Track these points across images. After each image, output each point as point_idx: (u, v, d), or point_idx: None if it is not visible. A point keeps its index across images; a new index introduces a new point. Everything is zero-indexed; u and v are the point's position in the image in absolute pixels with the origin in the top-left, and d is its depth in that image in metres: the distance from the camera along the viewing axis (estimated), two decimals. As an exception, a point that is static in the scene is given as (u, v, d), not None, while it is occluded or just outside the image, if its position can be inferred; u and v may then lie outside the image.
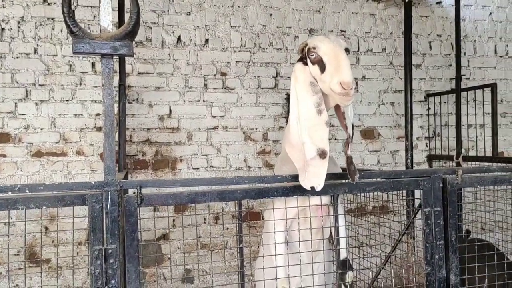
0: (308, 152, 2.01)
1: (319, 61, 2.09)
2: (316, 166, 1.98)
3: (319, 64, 2.10)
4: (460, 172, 2.15)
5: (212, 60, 4.18)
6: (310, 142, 2.02)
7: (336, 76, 2.01)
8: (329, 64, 2.06)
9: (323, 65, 2.08)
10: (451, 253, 2.16)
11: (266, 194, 1.98)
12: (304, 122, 2.08)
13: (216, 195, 1.92)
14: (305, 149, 2.02)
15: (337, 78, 2.00)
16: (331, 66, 2.05)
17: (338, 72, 2.01)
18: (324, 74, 2.07)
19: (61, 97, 3.86)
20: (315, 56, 2.10)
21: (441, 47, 4.76)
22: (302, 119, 2.09)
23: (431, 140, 4.74)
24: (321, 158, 1.99)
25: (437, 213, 2.15)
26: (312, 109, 2.08)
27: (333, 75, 2.02)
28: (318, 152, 1.99)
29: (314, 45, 2.12)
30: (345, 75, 2.00)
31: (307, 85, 2.12)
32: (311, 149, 2.01)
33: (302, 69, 2.17)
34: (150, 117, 4.06)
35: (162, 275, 4.05)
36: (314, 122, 2.06)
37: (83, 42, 1.75)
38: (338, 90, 2.00)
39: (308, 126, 2.06)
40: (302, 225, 2.09)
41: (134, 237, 1.82)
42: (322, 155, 1.99)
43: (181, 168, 4.11)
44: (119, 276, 1.81)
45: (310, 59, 2.12)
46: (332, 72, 2.03)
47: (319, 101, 2.08)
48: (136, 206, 1.83)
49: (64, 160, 3.87)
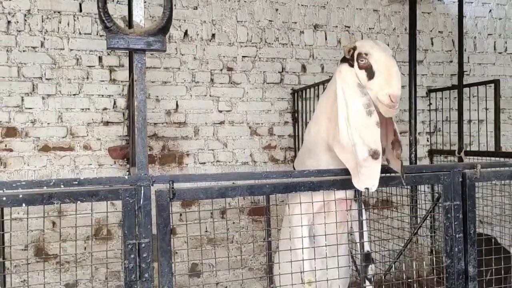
0: (360, 153, 2.03)
1: (368, 68, 2.10)
2: (369, 167, 2.00)
3: (367, 71, 2.11)
4: (479, 167, 2.21)
5: (219, 55, 4.19)
6: (361, 143, 2.04)
7: (386, 88, 2.02)
8: (380, 73, 2.07)
9: (371, 73, 2.09)
10: (470, 245, 2.22)
11: (294, 188, 2.01)
12: (354, 124, 2.09)
13: (246, 190, 1.95)
14: (356, 150, 2.04)
15: (387, 90, 2.02)
16: (382, 76, 2.06)
17: (389, 84, 2.03)
18: (372, 82, 2.08)
19: (68, 91, 3.84)
20: (364, 62, 2.11)
21: (443, 43, 4.82)
22: (352, 120, 2.10)
23: (432, 135, 4.81)
24: (373, 159, 2.01)
25: (456, 207, 2.20)
26: (362, 110, 2.09)
27: (382, 85, 2.04)
28: (370, 153, 2.02)
29: (366, 51, 2.11)
30: (395, 88, 2.02)
31: (355, 86, 2.13)
32: (363, 150, 2.03)
33: (349, 71, 2.18)
34: (157, 111, 4.05)
35: (169, 269, 4.06)
36: (364, 124, 2.07)
37: (117, 38, 1.75)
38: (386, 101, 2.02)
39: (358, 128, 2.07)
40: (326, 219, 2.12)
41: (167, 231, 1.84)
42: (375, 156, 2.01)
43: (188, 163, 4.12)
44: (152, 270, 1.83)
45: (359, 63, 2.13)
46: (382, 82, 2.05)
47: (369, 103, 2.09)
48: (169, 200, 1.84)
49: (71, 154, 3.85)
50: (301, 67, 4.41)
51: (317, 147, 2.33)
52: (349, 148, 2.06)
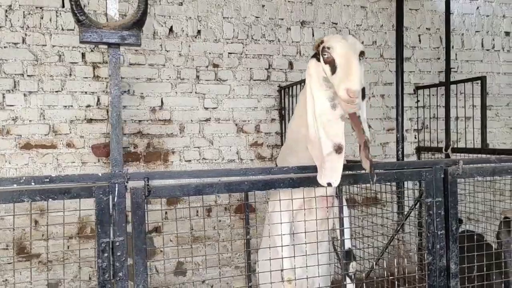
0: (325, 148, 2.00)
1: (332, 62, 2.07)
2: (332, 161, 1.97)
3: (330, 65, 2.07)
4: (461, 163, 2.19)
5: (205, 51, 4.14)
6: (325, 137, 2.02)
7: (344, 82, 1.98)
8: (340, 67, 2.03)
9: (334, 67, 2.06)
10: (452, 242, 2.20)
11: (273, 185, 1.98)
12: (319, 118, 2.07)
13: (224, 187, 1.91)
14: (321, 144, 2.02)
15: (344, 85, 1.98)
16: (342, 70, 2.03)
17: (347, 79, 1.99)
18: (334, 76, 2.05)
19: (50, 88, 3.78)
20: (327, 56, 2.08)
21: (430, 40, 4.81)
22: (317, 114, 2.07)
23: (419, 132, 4.80)
24: (337, 153, 1.98)
25: (438, 203, 2.18)
26: (326, 104, 2.06)
27: (341, 80, 2.00)
28: (334, 148, 1.99)
29: (330, 45, 2.09)
30: (352, 82, 1.97)
31: (321, 80, 2.11)
32: (327, 144, 2.00)
33: (316, 66, 2.15)
34: (142, 108, 4.00)
35: (155, 268, 4.03)
36: (328, 117, 2.05)
37: (90, 31, 1.71)
38: (343, 96, 1.98)
39: (323, 121, 2.05)
40: (307, 217, 2.09)
41: (142, 229, 1.80)
42: (338, 150, 1.99)
43: (173, 161, 4.08)
44: (127, 268, 1.79)
45: (323, 57, 2.11)
46: (342, 76, 2.01)
47: (333, 96, 2.06)
48: (144, 198, 1.81)
49: (54, 152, 3.80)
50: (288, 64, 4.38)
51: (297, 144, 2.31)
52: (316, 143, 2.03)
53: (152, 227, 3.99)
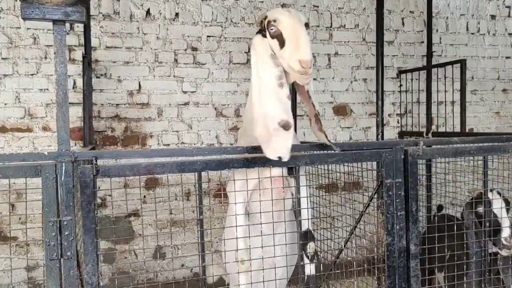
0: (271, 124, 1.97)
1: (279, 36, 2.06)
2: (280, 136, 1.95)
3: (278, 39, 2.07)
4: (421, 144, 2.16)
5: (183, 34, 4.10)
6: (272, 114, 1.99)
7: (296, 54, 1.98)
8: (289, 40, 2.02)
9: (282, 40, 2.05)
10: (411, 223, 2.19)
11: (227, 165, 1.96)
12: (265, 95, 2.05)
13: (175, 167, 1.90)
14: (268, 121, 1.99)
15: (296, 56, 1.97)
16: (291, 42, 2.02)
17: (298, 49, 1.98)
18: (283, 50, 2.04)
19: (25, 71, 3.75)
20: (274, 30, 2.07)
21: (414, 23, 4.76)
22: (263, 93, 2.06)
23: (402, 116, 4.77)
24: (285, 130, 1.96)
25: (398, 184, 2.16)
26: (274, 82, 2.05)
27: (292, 52, 1.99)
28: (281, 124, 1.96)
29: (275, 18, 2.08)
30: (304, 53, 1.97)
31: (268, 57, 2.10)
32: (274, 120, 1.98)
33: (262, 42, 2.14)
34: (119, 92, 3.98)
35: (134, 252, 4.03)
36: (276, 96, 2.03)
37: (32, 7, 1.68)
38: (296, 68, 1.98)
39: (270, 100, 2.03)
40: (263, 197, 2.08)
41: (90, 208, 1.79)
42: (286, 127, 1.96)
43: (152, 145, 4.06)
44: (75, 248, 1.78)
45: (269, 32, 2.09)
46: (292, 49, 2.00)
47: (280, 74, 2.06)
48: (92, 177, 1.79)
49: (30, 136, 3.78)
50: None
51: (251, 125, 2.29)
52: (260, 120, 2.00)
53: (130, 210, 3.99)
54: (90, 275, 1.79)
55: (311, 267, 2.19)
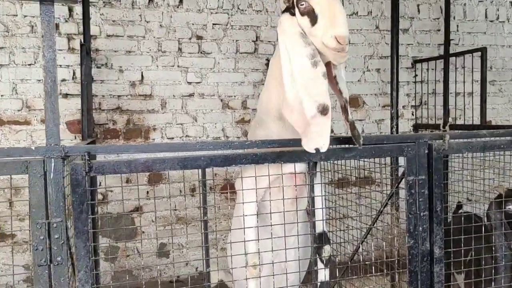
0: (308, 110, 1.80)
1: (310, 12, 1.86)
2: (318, 125, 1.78)
3: (309, 16, 1.87)
4: (447, 138, 1.97)
5: (187, 22, 3.91)
6: (308, 99, 1.81)
7: (331, 29, 1.79)
8: (322, 15, 1.83)
9: (314, 17, 1.85)
10: (436, 224, 2.00)
11: (234, 161, 1.78)
12: (299, 78, 1.86)
13: (177, 163, 1.72)
14: (304, 107, 1.81)
15: (332, 32, 1.78)
16: (325, 18, 1.82)
17: (333, 25, 1.79)
18: (316, 27, 1.85)
19: (22, 61, 3.58)
20: (305, 6, 1.87)
21: (430, 10, 4.53)
22: (297, 75, 1.87)
23: (417, 108, 4.56)
24: (322, 115, 1.79)
25: (421, 182, 1.97)
26: (307, 62, 1.85)
27: (327, 28, 1.80)
28: (319, 109, 1.79)
29: None
30: (341, 28, 1.79)
31: (298, 36, 1.90)
32: (311, 106, 1.80)
33: (290, 20, 1.94)
34: (121, 83, 3.80)
35: (136, 250, 3.88)
36: (310, 76, 1.84)
37: (15, -16, 1.49)
38: (333, 45, 1.79)
39: (304, 82, 1.85)
40: (276, 196, 1.89)
41: (83, 209, 1.61)
42: (324, 111, 1.79)
43: (155, 138, 3.89)
44: (66, 252, 1.61)
45: (299, 9, 1.89)
46: (326, 24, 1.81)
47: (313, 53, 1.86)
48: (84, 174, 1.61)
49: (28, 129, 3.62)
50: (276, 35, 4.12)
51: (268, 116, 2.10)
52: (296, 106, 1.83)
53: (133, 207, 3.83)
54: (83, 283, 1.62)
55: (325, 272, 2.00)
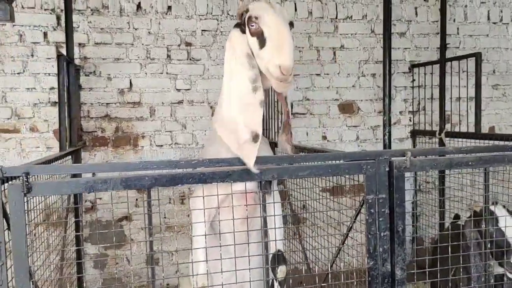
0: (243, 135, 1.81)
1: (260, 34, 1.84)
2: (247, 149, 1.78)
3: (258, 38, 1.85)
4: (409, 155, 1.88)
5: (176, 29, 3.89)
6: (243, 124, 1.82)
7: (277, 57, 1.77)
8: (270, 40, 1.81)
9: (263, 39, 1.83)
10: (397, 245, 1.91)
11: (180, 180, 1.73)
12: (237, 100, 1.87)
13: (120, 183, 1.68)
14: (238, 130, 1.82)
15: (277, 60, 1.76)
16: (272, 44, 1.80)
17: (279, 53, 1.77)
18: (263, 50, 1.83)
19: (11, 69, 3.63)
20: (255, 27, 1.85)
21: (428, 13, 4.39)
22: (235, 96, 1.88)
23: (415, 114, 4.43)
24: (253, 141, 1.80)
25: (381, 201, 1.89)
26: (248, 86, 1.86)
27: (272, 55, 1.78)
28: (252, 135, 1.80)
29: (256, 14, 1.85)
30: (286, 58, 1.76)
31: (244, 56, 1.89)
32: (245, 132, 1.81)
33: (240, 38, 1.93)
34: (109, 91, 3.81)
35: (125, 258, 3.88)
36: (248, 101, 1.85)
37: None
38: (276, 74, 1.78)
39: (242, 105, 1.85)
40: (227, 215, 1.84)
41: (21, 232, 1.59)
42: (255, 139, 1.80)
43: (144, 145, 3.88)
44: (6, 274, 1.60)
45: (250, 29, 1.87)
46: (273, 51, 1.79)
47: (255, 77, 1.86)
48: (23, 196, 1.59)
49: (17, 137, 3.66)
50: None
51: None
52: (231, 126, 1.82)
53: (121, 215, 3.83)
54: (22, 304, 1.60)
55: (281, 293, 1.94)
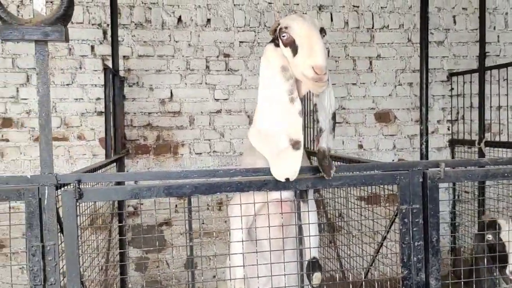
0: (282, 142, 1.87)
1: (292, 43, 1.92)
2: (288, 157, 1.84)
3: (291, 46, 1.92)
4: (443, 166, 1.91)
5: (215, 40, 4.02)
6: (282, 133, 1.88)
7: (309, 59, 1.83)
8: (302, 46, 1.88)
9: (295, 47, 1.90)
10: (432, 255, 1.94)
11: (218, 189, 1.83)
12: (274, 112, 1.93)
13: (163, 190, 1.79)
14: (277, 139, 1.89)
15: (309, 62, 1.82)
16: (304, 49, 1.87)
17: (311, 55, 1.84)
18: (296, 57, 1.90)
19: (61, 81, 3.84)
20: (287, 37, 1.92)
21: (467, 21, 4.35)
22: (272, 108, 1.94)
23: (454, 123, 4.38)
24: (294, 149, 1.85)
25: (415, 211, 1.92)
26: (285, 97, 1.92)
27: (305, 58, 1.85)
28: (291, 143, 1.86)
29: (286, 24, 1.94)
30: (318, 58, 1.82)
31: (279, 69, 1.96)
32: (283, 139, 1.87)
33: (274, 52, 2.00)
34: (151, 101, 3.97)
35: (165, 261, 4.01)
36: (286, 112, 1.91)
37: (11, 29, 1.64)
38: (310, 75, 1.83)
39: (280, 115, 1.92)
40: (264, 223, 1.92)
41: (73, 235, 1.73)
42: (296, 146, 1.85)
43: (183, 153, 4.02)
44: (59, 273, 1.73)
45: (282, 40, 1.95)
46: (305, 55, 1.86)
47: (291, 88, 1.92)
48: (75, 202, 1.73)
49: (66, 144, 3.87)
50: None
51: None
52: (268, 136, 1.88)
53: (162, 220, 3.97)
54: (73, 303, 1.73)
55: (316, 300, 2.00)
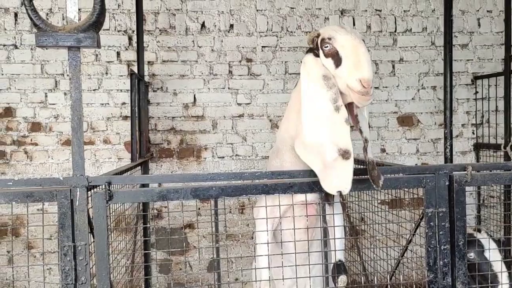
0: (329, 153, 1.84)
1: (334, 54, 1.91)
2: (339, 168, 1.82)
3: (333, 58, 1.91)
4: (470, 169, 1.90)
5: (237, 46, 4.06)
6: (329, 142, 1.86)
7: (356, 72, 1.83)
8: (347, 58, 1.87)
9: (338, 59, 1.89)
10: (458, 259, 1.93)
11: (244, 191, 1.86)
12: (320, 121, 1.90)
13: (190, 192, 1.83)
14: (324, 150, 1.86)
15: (356, 75, 1.82)
16: (349, 61, 1.87)
17: (358, 68, 1.83)
18: (340, 69, 1.89)
19: (88, 86, 3.93)
20: (329, 48, 1.92)
21: (492, 24, 4.30)
22: (318, 117, 1.91)
23: (478, 127, 4.33)
24: (344, 159, 1.82)
25: (441, 215, 1.92)
26: (329, 106, 1.89)
27: (351, 70, 1.85)
28: (340, 153, 1.83)
29: (330, 35, 1.93)
30: (365, 71, 1.82)
31: (321, 79, 1.93)
32: (331, 149, 1.84)
33: (314, 62, 1.99)
34: (175, 105, 4.03)
35: (188, 264, 4.06)
36: (332, 120, 1.88)
37: (46, 35, 1.71)
38: (358, 88, 1.82)
39: (325, 125, 1.89)
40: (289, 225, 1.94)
41: (103, 235, 1.77)
42: (345, 155, 1.82)
43: (206, 157, 4.06)
44: (89, 273, 1.78)
45: (323, 51, 1.94)
46: (351, 67, 1.86)
47: (335, 97, 1.90)
48: (105, 203, 1.78)
49: (92, 148, 3.95)
50: (322, 58, 4.14)
51: (284, 145, 2.15)
52: (314, 148, 1.86)
53: (186, 222, 4.02)
54: (103, 301, 1.78)
55: (341, 302, 2.01)
